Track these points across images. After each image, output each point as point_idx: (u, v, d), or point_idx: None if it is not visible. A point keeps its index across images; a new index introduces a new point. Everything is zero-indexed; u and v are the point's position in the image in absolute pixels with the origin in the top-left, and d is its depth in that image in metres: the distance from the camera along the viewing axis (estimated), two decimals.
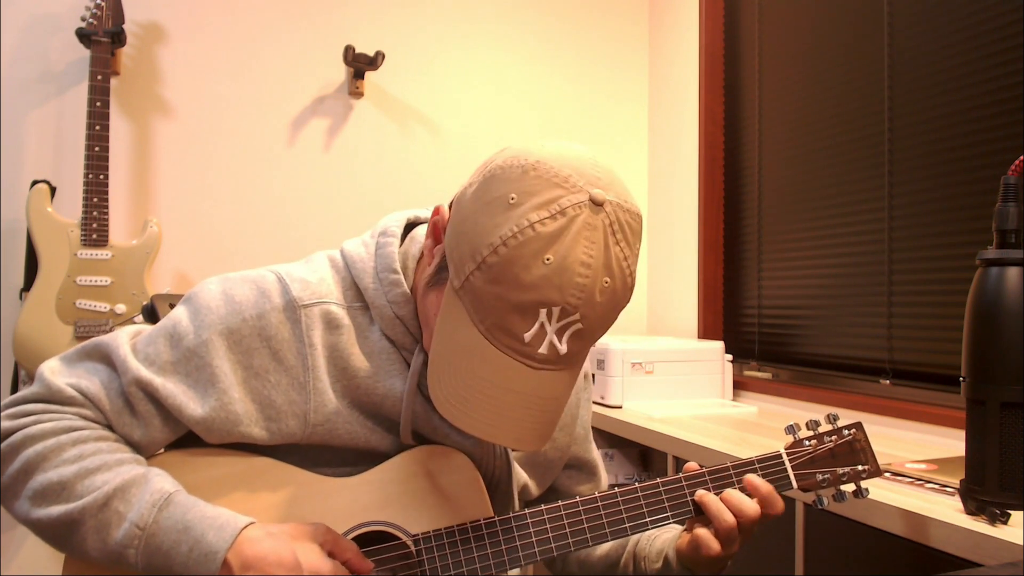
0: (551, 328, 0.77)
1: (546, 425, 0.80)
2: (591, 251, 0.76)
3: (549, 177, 0.77)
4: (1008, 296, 1.01)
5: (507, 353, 0.78)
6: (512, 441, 0.79)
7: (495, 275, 0.76)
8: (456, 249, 0.79)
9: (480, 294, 0.77)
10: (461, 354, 0.79)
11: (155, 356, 0.88)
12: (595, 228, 0.76)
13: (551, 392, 0.80)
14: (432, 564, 0.88)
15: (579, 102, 2.85)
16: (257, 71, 2.49)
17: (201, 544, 0.78)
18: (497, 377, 0.78)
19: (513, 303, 0.76)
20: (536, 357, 0.78)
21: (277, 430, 0.88)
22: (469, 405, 0.78)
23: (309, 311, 0.89)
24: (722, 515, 0.90)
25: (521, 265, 0.75)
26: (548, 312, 0.76)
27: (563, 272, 0.75)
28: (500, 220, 0.76)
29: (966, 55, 1.73)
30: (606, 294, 0.77)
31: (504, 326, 0.77)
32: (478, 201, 0.79)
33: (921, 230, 1.83)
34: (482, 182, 0.80)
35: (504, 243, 0.75)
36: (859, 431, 1.00)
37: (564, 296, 0.75)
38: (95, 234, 2.13)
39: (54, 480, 0.81)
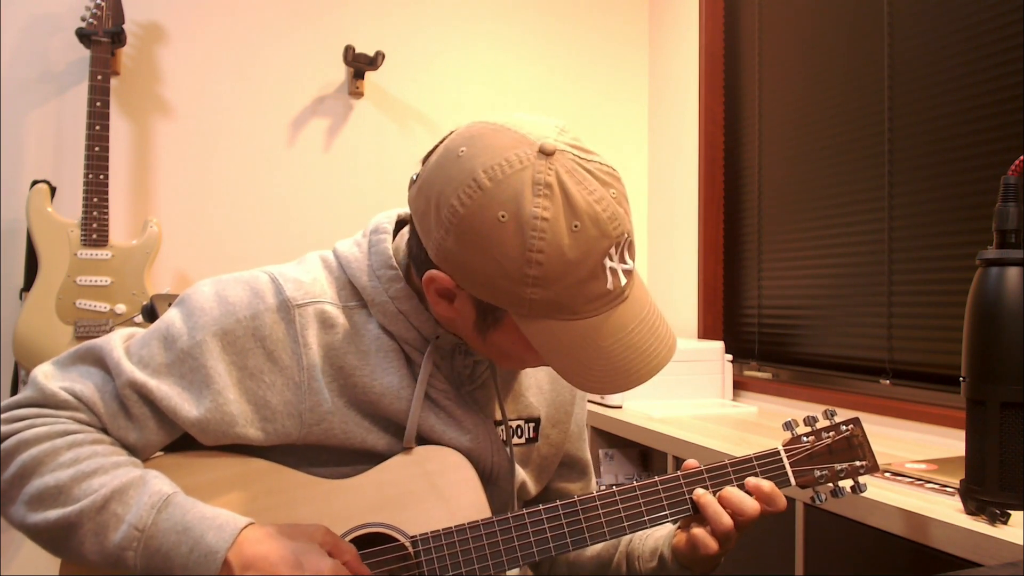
0: (617, 262, 0.79)
1: (665, 322, 0.86)
2: (591, 187, 0.78)
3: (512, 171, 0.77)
4: (1008, 296, 1.01)
5: (607, 310, 0.80)
6: (667, 353, 0.84)
7: (550, 277, 0.77)
8: (494, 290, 0.79)
9: (553, 299, 0.78)
10: (577, 347, 0.80)
11: (149, 358, 0.87)
12: (572, 171, 0.77)
13: (646, 297, 0.85)
14: (431, 565, 0.87)
15: (579, 102, 2.85)
16: (257, 71, 2.49)
17: (201, 544, 0.78)
18: (618, 331, 0.81)
19: (581, 278, 0.77)
20: (624, 290, 0.81)
21: (273, 431, 0.88)
22: (619, 371, 0.81)
23: (303, 311, 0.89)
24: (719, 517, 0.90)
25: (562, 251, 0.76)
26: (609, 256, 0.78)
27: (595, 223, 0.77)
28: (513, 239, 0.76)
29: (966, 55, 1.72)
30: (622, 200, 0.80)
31: (589, 296, 0.79)
32: (471, 245, 0.78)
33: (921, 230, 1.83)
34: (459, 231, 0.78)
35: (535, 251, 0.76)
36: (856, 426, 1.00)
37: (611, 236, 0.78)
38: (95, 234, 2.13)
39: (50, 484, 0.81)
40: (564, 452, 1.10)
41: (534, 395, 1.03)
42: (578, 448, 1.12)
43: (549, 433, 1.05)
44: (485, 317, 0.83)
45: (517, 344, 0.84)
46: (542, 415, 1.04)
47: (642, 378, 0.82)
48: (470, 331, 0.86)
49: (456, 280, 0.81)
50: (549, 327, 0.79)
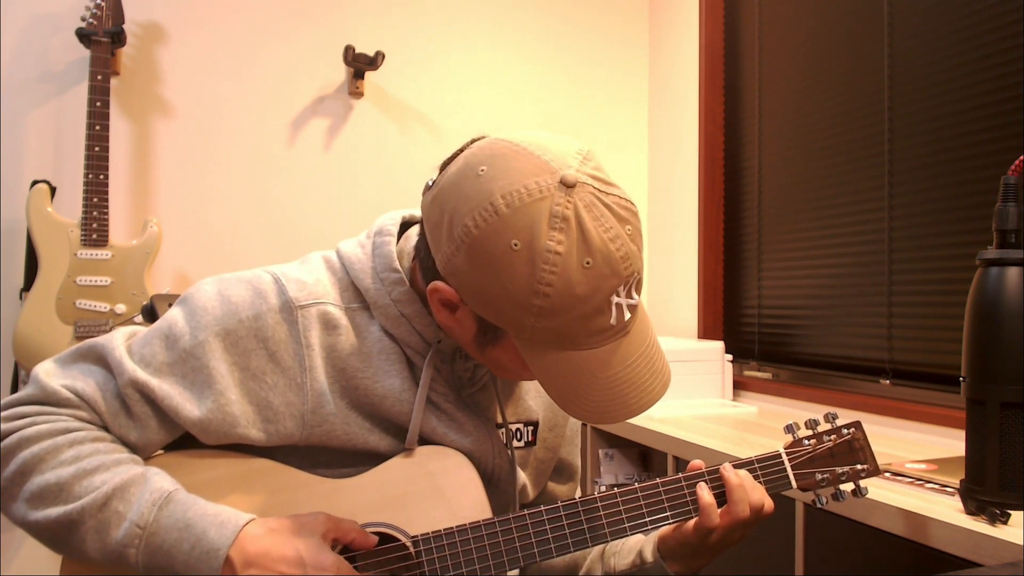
0: (623, 299, 0.79)
1: (663, 356, 0.86)
2: (607, 224, 0.77)
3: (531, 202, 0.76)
4: (1008, 296, 1.01)
5: (608, 343, 0.80)
6: (662, 388, 0.84)
7: (555, 309, 0.76)
8: (498, 313, 0.79)
9: (556, 329, 0.78)
10: (575, 376, 0.80)
11: (151, 357, 0.87)
12: (592, 206, 0.77)
13: (647, 331, 0.84)
14: (432, 565, 0.88)
15: (579, 102, 2.85)
16: (257, 71, 2.49)
17: (203, 542, 0.78)
18: (616, 364, 0.81)
19: (587, 313, 0.77)
20: (627, 325, 0.81)
21: (275, 431, 0.88)
22: (613, 403, 0.81)
23: (306, 312, 0.89)
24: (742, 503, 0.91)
25: (569, 287, 0.75)
26: (617, 292, 0.78)
27: (608, 261, 0.76)
28: (523, 267, 0.76)
29: (966, 55, 1.72)
30: (638, 238, 0.80)
31: (592, 330, 0.78)
32: (487, 267, 0.77)
33: (921, 230, 1.83)
34: (469, 250, 0.78)
35: (543, 284, 0.75)
36: (858, 430, 1.00)
37: (621, 275, 0.77)
38: (95, 234, 2.13)
39: (52, 482, 0.81)
40: (559, 458, 1.10)
41: (532, 399, 1.03)
42: (570, 453, 1.11)
43: (546, 437, 1.05)
44: (486, 333, 0.84)
45: (515, 362, 0.84)
46: (540, 419, 1.04)
47: (633, 412, 0.82)
48: (469, 342, 0.87)
49: (461, 295, 0.81)
50: (548, 354, 0.80)
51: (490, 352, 0.86)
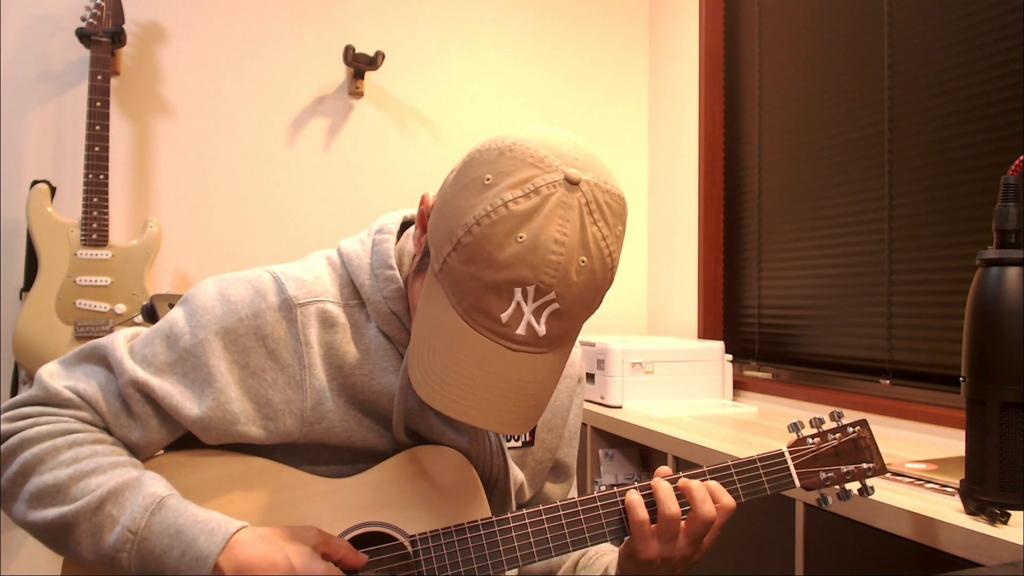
0: (527, 308, 0.76)
1: (530, 409, 0.79)
2: (565, 229, 0.75)
3: (524, 157, 0.77)
4: (1008, 296, 1.01)
5: (485, 335, 0.77)
6: (493, 424, 0.78)
7: (469, 255, 0.76)
8: (436, 233, 0.81)
9: (457, 275, 0.77)
10: (440, 336, 0.79)
11: (152, 357, 0.88)
12: (570, 207, 0.76)
13: (532, 375, 0.79)
14: (429, 565, 0.87)
15: (579, 102, 2.85)
16: (257, 71, 2.49)
17: (193, 548, 0.78)
18: (475, 359, 0.77)
19: (488, 283, 0.76)
20: (515, 338, 0.77)
21: (274, 429, 0.88)
22: (447, 387, 0.78)
23: (305, 310, 0.89)
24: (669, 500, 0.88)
25: (494, 244, 0.75)
26: (523, 291, 0.75)
27: (536, 250, 0.74)
28: (475, 201, 0.76)
29: (966, 55, 1.72)
30: (583, 273, 0.76)
31: (481, 307, 0.77)
32: (456, 185, 0.80)
33: (921, 230, 1.83)
34: (461, 167, 0.81)
35: (478, 223, 0.75)
36: (864, 428, 1.00)
37: (538, 274, 0.75)
38: (95, 234, 2.13)
39: (50, 483, 0.81)
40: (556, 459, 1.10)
41: None
42: (567, 455, 1.11)
43: (545, 437, 1.05)
44: (423, 260, 0.85)
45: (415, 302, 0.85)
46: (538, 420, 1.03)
47: (446, 409, 0.77)
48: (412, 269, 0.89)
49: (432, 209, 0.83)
50: (439, 299, 0.79)
51: (414, 284, 0.87)
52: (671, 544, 0.88)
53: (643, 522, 0.88)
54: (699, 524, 0.88)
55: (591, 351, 2.22)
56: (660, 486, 0.90)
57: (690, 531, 0.88)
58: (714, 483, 0.91)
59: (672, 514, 0.87)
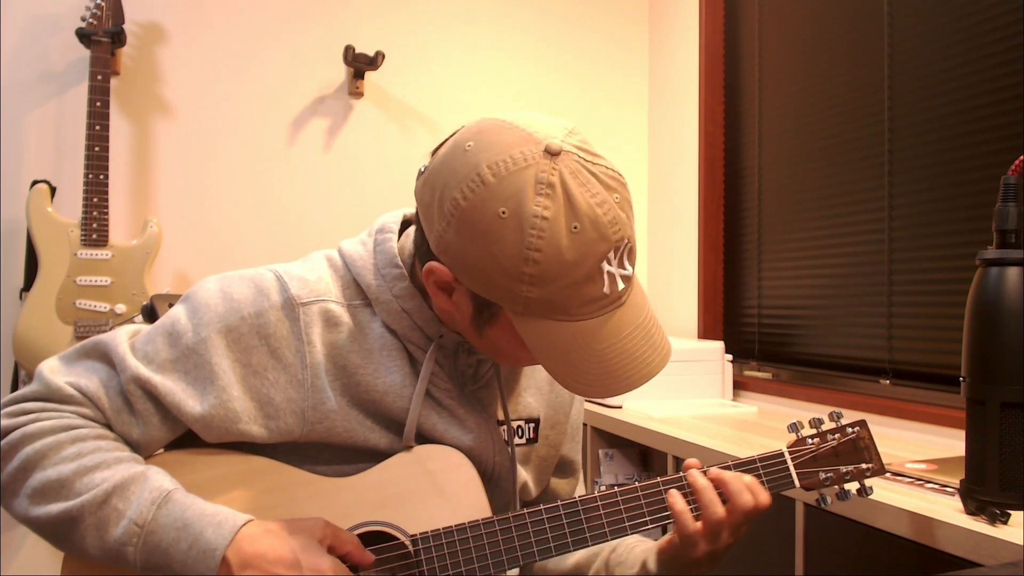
0: (615, 267, 0.79)
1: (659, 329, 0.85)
2: (591, 189, 0.77)
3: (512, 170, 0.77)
4: (1008, 296, 1.01)
5: (602, 313, 0.80)
6: (661, 361, 0.83)
7: (546, 278, 0.77)
8: (490, 286, 0.79)
9: (546, 299, 0.78)
10: (571, 349, 0.80)
11: (154, 354, 0.88)
12: (578, 172, 0.77)
13: (644, 305, 0.84)
14: (431, 564, 0.88)
15: (579, 102, 2.85)
16: (257, 71, 2.49)
17: (200, 541, 0.78)
18: (612, 336, 0.80)
19: (578, 279, 0.77)
20: (621, 295, 0.81)
21: (276, 428, 0.88)
22: (612, 375, 0.81)
23: (308, 309, 0.89)
24: (715, 505, 0.89)
25: (558, 251, 0.76)
26: (607, 260, 0.78)
27: (594, 223, 0.76)
28: (511, 237, 0.76)
29: (966, 55, 1.72)
30: (624, 204, 0.80)
31: (584, 299, 0.78)
32: (474, 239, 0.78)
33: (921, 230, 1.83)
34: (459, 223, 0.79)
35: (532, 249, 0.76)
36: (863, 429, 1.00)
37: (608, 238, 0.77)
38: (95, 234, 2.13)
39: (53, 478, 0.81)
40: (561, 455, 1.10)
41: (533, 396, 1.03)
42: (571, 450, 1.11)
43: (548, 434, 1.05)
44: (481, 312, 0.84)
45: (512, 341, 0.84)
46: (541, 416, 1.04)
47: (633, 384, 0.82)
48: (467, 326, 0.87)
49: (455, 273, 0.82)
50: (544, 327, 0.80)
51: (488, 333, 0.85)
52: (716, 542, 0.90)
53: (696, 532, 0.89)
54: (739, 515, 0.90)
55: None
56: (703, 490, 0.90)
57: (731, 523, 0.90)
58: (749, 477, 0.92)
59: (719, 517, 0.89)
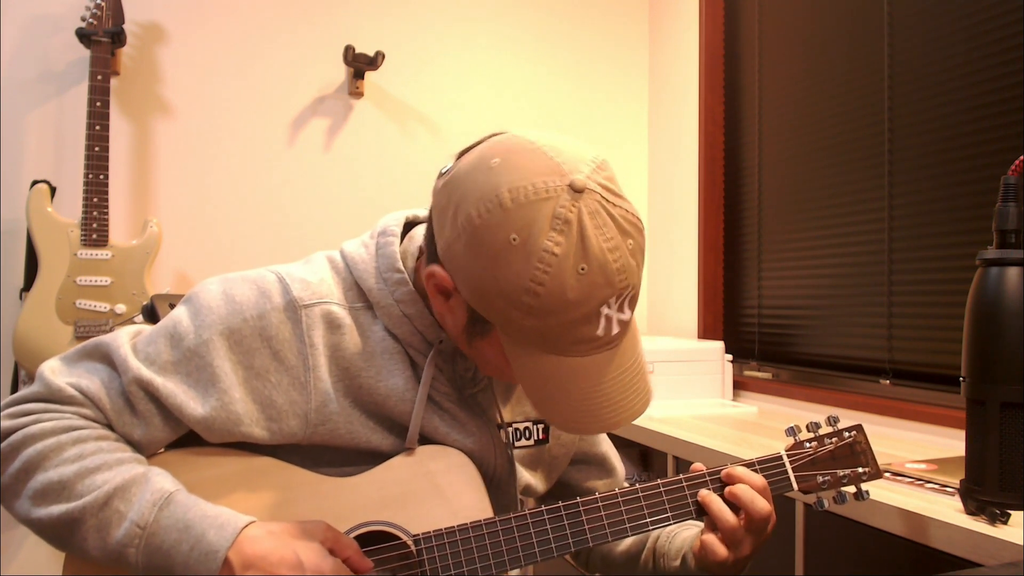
0: (614, 311, 0.79)
1: (645, 377, 0.85)
2: (607, 233, 0.76)
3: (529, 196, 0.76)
4: (1008, 296, 1.01)
5: (593, 355, 0.80)
6: (641, 407, 0.83)
7: (544, 310, 0.76)
8: (488, 305, 0.79)
9: (539, 329, 0.78)
10: (552, 381, 0.80)
11: (155, 356, 0.88)
12: (595, 212, 0.76)
13: (635, 350, 0.84)
14: (432, 564, 0.88)
15: (579, 102, 2.85)
16: (257, 71, 2.49)
17: (202, 543, 0.78)
18: (595, 377, 0.80)
19: (574, 319, 0.77)
20: (613, 339, 0.80)
21: (278, 430, 0.88)
22: (590, 414, 0.81)
23: (310, 311, 0.89)
24: (724, 514, 0.90)
25: (561, 289, 0.75)
26: (608, 304, 0.78)
27: (601, 269, 0.76)
28: (518, 266, 0.75)
29: (966, 55, 1.73)
30: (636, 252, 0.79)
31: (576, 338, 0.78)
32: (480, 258, 0.77)
33: (921, 230, 1.83)
34: (469, 240, 0.78)
35: (536, 282, 0.75)
36: (859, 433, 1.00)
37: (614, 285, 0.77)
38: (95, 234, 2.13)
39: (54, 479, 0.81)
40: (577, 450, 1.10)
41: None
42: (592, 444, 1.12)
43: (560, 433, 1.05)
44: (475, 325, 0.84)
45: (498, 358, 0.85)
46: None
47: (605, 427, 0.82)
48: (459, 333, 0.87)
49: (456, 283, 0.82)
50: (531, 354, 0.80)
51: (477, 344, 0.86)
52: (737, 548, 0.91)
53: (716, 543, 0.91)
54: (757, 521, 0.91)
55: None
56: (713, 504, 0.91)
57: (751, 528, 0.91)
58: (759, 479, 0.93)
59: (733, 526, 0.90)
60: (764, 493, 0.92)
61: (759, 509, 0.90)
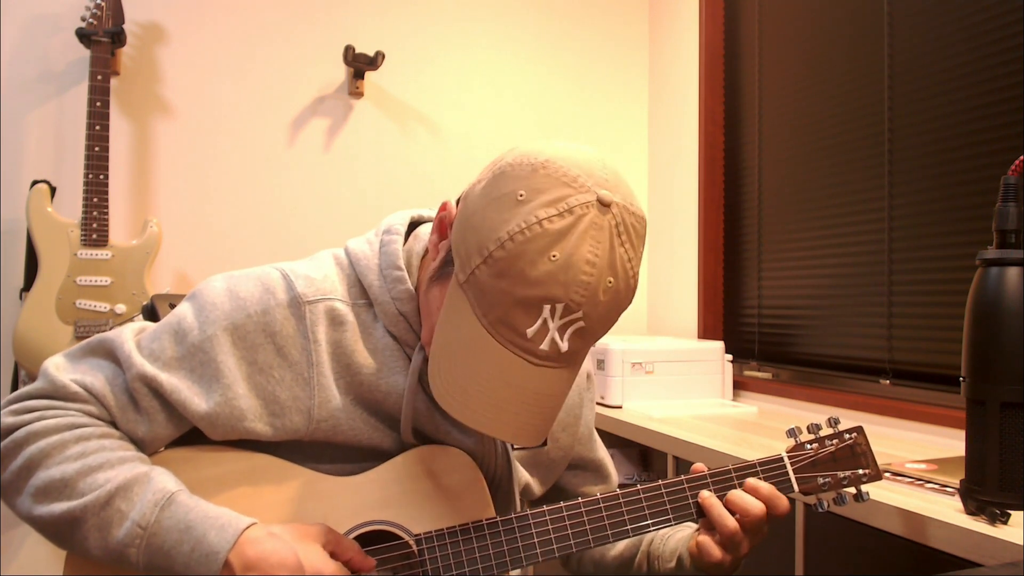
0: (553, 325, 0.77)
1: (544, 422, 0.81)
2: (596, 250, 0.76)
3: (558, 176, 0.78)
4: (1008, 296, 1.01)
5: (508, 348, 0.78)
6: (510, 436, 0.80)
7: (501, 269, 0.76)
8: (462, 244, 0.80)
9: (485, 288, 0.78)
10: (463, 347, 0.79)
11: (160, 352, 0.88)
12: (601, 228, 0.77)
13: (549, 389, 0.80)
14: (434, 564, 0.88)
15: (579, 102, 2.86)
16: (257, 71, 2.49)
17: (203, 544, 0.78)
18: (497, 371, 0.78)
19: (518, 298, 0.76)
20: (537, 353, 0.79)
21: (281, 426, 0.88)
22: (469, 398, 0.79)
23: (314, 307, 0.89)
24: (724, 519, 0.91)
25: (527, 260, 0.75)
26: (552, 308, 0.77)
27: (568, 269, 0.76)
28: (508, 216, 0.77)
29: (966, 55, 1.73)
30: (609, 294, 0.78)
31: (507, 321, 0.78)
32: (486, 197, 0.80)
33: (921, 230, 1.83)
34: (491, 179, 0.80)
35: (511, 238, 0.76)
36: (860, 435, 1.00)
37: (568, 293, 0.76)
38: (95, 234, 2.13)
39: (56, 477, 0.81)
40: (575, 455, 1.10)
41: None
42: (589, 449, 1.12)
43: (559, 437, 1.05)
44: (443, 267, 0.85)
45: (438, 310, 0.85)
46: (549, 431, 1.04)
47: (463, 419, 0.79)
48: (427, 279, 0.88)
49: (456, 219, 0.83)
50: (462, 307, 0.80)
51: (432, 290, 0.86)
52: (736, 550, 0.92)
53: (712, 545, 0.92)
54: (753, 521, 0.91)
55: (591, 351, 2.22)
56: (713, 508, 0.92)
57: (749, 529, 0.92)
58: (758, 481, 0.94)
59: (732, 531, 0.91)
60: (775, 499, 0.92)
61: (756, 514, 0.91)
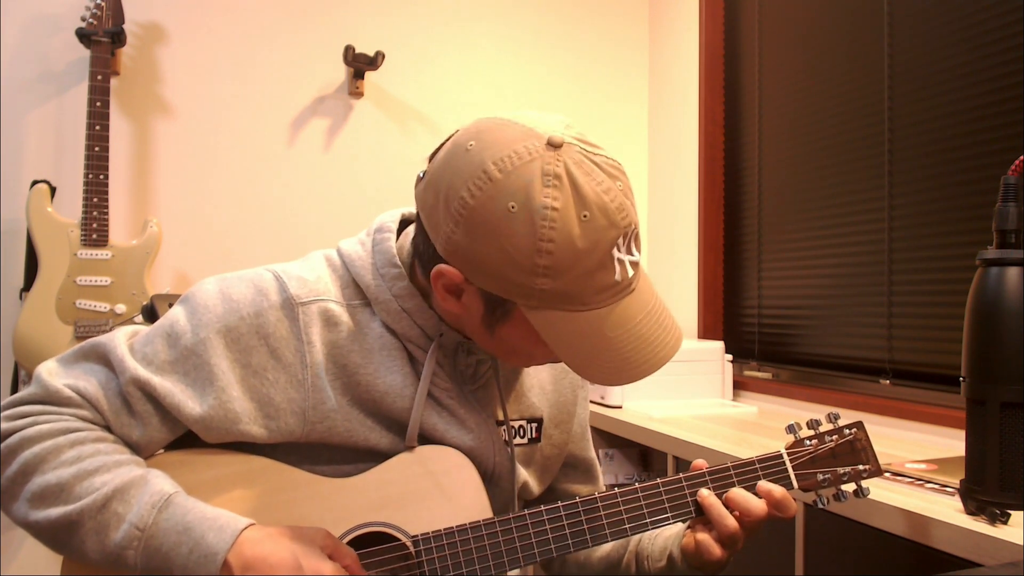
0: (624, 254, 0.80)
1: (670, 313, 0.87)
2: (596, 177, 0.78)
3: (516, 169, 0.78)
4: (1008, 296, 1.01)
5: (615, 301, 0.81)
6: (675, 342, 0.84)
7: (559, 268, 0.77)
8: (504, 282, 0.79)
9: (561, 290, 0.78)
10: (588, 339, 0.81)
11: (153, 355, 0.88)
12: (580, 163, 0.78)
13: (652, 289, 0.86)
14: (432, 565, 0.88)
15: (579, 102, 2.85)
16: (257, 71, 2.49)
17: (201, 545, 0.78)
18: (627, 323, 0.81)
19: (590, 268, 0.78)
20: (631, 281, 0.82)
21: (276, 428, 0.88)
22: (628, 362, 0.82)
23: (307, 309, 0.89)
24: (724, 519, 0.90)
25: (571, 241, 0.76)
26: (617, 247, 0.79)
27: (603, 210, 0.77)
28: (523, 230, 0.76)
29: (966, 55, 1.72)
30: (628, 192, 0.81)
31: (598, 287, 0.79)
32: (481, 238, 0.78)
33: (921, 230, 1.83)
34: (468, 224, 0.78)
35: (544, 240, 0.76)
36: (860, 430, 1.00)
37: (618, 224, 0.78)
38: (95, 234, 2.13)
39: (52, 482, 0.81)
40: (568, 453, 1.10)
41: (536, 395, 1.03)
42: (582, 448, 1.12)
43: (552, 433, 1.05)
44: (494, 311, 0.83)
45: (525, 339, 0.84)
46: (545, 415, 1.04)
47: (649, 369, 0.83)
48: (478, 326, 0.86)
49: (465, 274, 0.81)
50: (558, 318, 0.80)
51: (500, 332, 0.85)
52: (733, 547, 0.92)
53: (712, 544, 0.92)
54: (753, 520, 0.92)
55: None
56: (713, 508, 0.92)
57: (748, 527, 0.92)
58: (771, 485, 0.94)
59: (733, 530, 0.91)
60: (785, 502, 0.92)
61: (757, 515, 0.91)
